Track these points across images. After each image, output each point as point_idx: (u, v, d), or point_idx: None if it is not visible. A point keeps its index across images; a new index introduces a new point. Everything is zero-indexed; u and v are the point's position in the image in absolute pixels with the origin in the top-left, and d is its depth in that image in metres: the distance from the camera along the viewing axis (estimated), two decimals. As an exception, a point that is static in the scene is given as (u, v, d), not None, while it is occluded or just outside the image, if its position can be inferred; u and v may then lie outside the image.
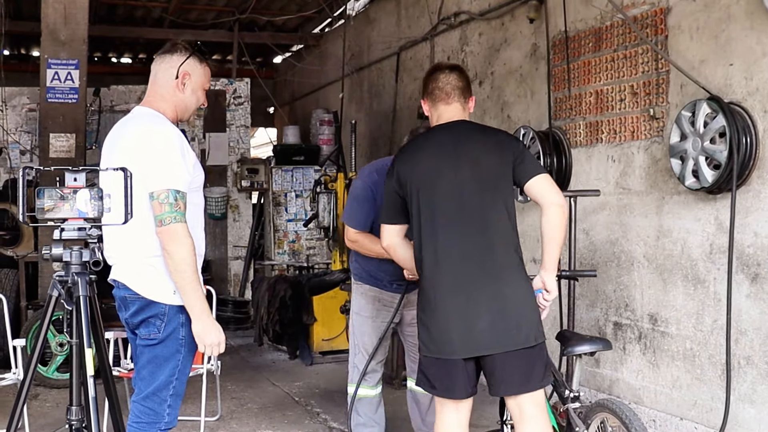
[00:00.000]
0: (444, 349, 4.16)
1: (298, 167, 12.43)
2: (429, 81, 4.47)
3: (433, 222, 4.20)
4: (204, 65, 4.24)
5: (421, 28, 9.72)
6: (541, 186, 4.22)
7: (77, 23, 8.72)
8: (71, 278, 3.39)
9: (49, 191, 3.23)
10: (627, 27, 6.29)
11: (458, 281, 4.14)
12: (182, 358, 4.10)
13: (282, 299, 9.58)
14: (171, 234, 3.89)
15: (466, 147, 4.26)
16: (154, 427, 4.11)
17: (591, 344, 4.64)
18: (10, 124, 12.01)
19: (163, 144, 4.00)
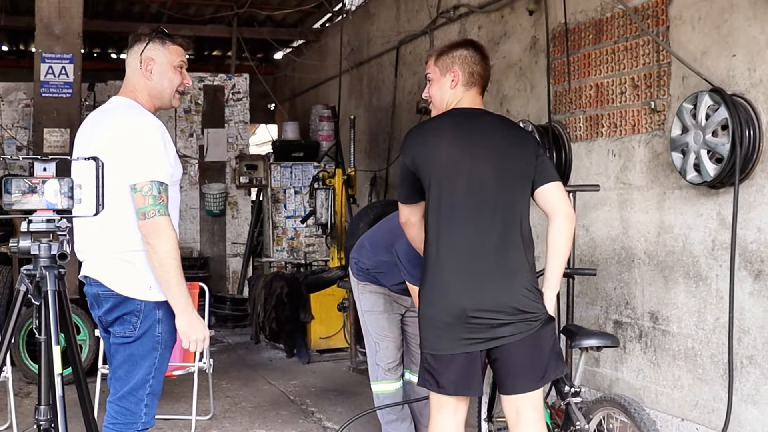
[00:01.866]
0: (455, 344, 3.98)
1: (297, 163, 12.33)
2: (471, 59, 4.20)
3: (450, 213, 4.01)
4: (167, 44, 4.12)
5: (421, 22, 9.59)
6: (555, 194, 4.08)
7: (71, 17, 8.63)
8: (39, 272, 3.26)
9: (17, 182, 3.10)
10: (628, 18, 6.15)
11: (469, 274, 3.96)
12: (159, 356, 4.01)
13: (279, 297, 9.49)
14: (155, 227, 3.81)
15: (490, 139, 4.09)
16: (131, 428, 4.03)
17: (599, 339, 4.54)
18: (6, 119, 11.91)
19: (143, 133, 3.92)
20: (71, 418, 3.46)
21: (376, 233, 5.97)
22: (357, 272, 5.97)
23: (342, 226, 9.69)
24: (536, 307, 3.97)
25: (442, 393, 4.10)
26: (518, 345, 3.96)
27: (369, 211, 8.71)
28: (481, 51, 4.27)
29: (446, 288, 3.98)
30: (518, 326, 3.94)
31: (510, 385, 4.06)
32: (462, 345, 3.96)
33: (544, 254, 4.18)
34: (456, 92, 4.20)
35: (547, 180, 4.08)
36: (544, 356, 4.05)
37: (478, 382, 4.05)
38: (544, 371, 4.06)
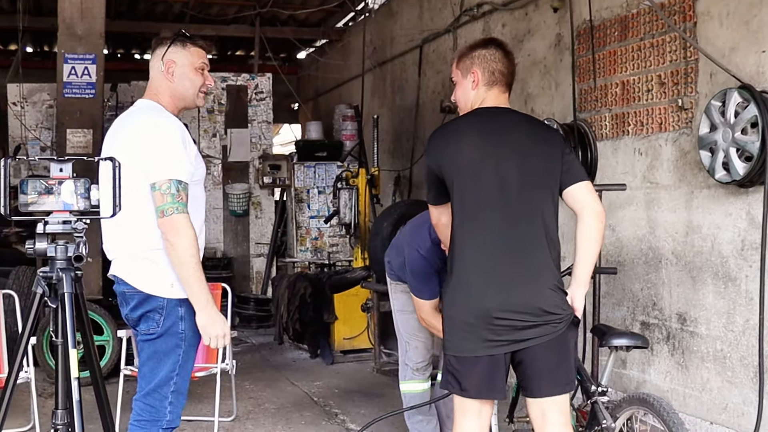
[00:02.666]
0: (479, 345, 3.90)
1: (320, 163, 12.28)
2: (491, 58, 4.12)
3: (474, 214, 3.95)
4: (188, 47, 4.17)
5: (444, 20, 9.52)
6: (583, 193, 4.00)
7: (94, 18, 8.62)
8: (56, 274, 3.22)
9: (33, 183, 3.07)
10: (654, 14, 6.07)
11: (494, 276, 3.89)
12: (183, 353, 4.03)
13: (302, 297, 9.44)
14: (173, 225, 3.85)
15: (515, 138, 4.01)
16: (156, 425, 4.05)
17: (629, 338, 4.48)
18: (30, 120, 11.93)
19: (163, 134, 3.97)
20: (92, 420, 3.43)
21: (401, 235, 5.96)
22: (389, 272, 5.99)
23: (366, 226, 9.64)
24: (561, 308, 3.90)
25: (465, 396, 4.03)
26: (543, 348, 3.88)
27: (393, 210, 8.66)
28: (502, 48, 4.18)
29: (470, 288, 3.92)
30: (544, 328, 3.86)
31: (535, 388, 3.98)
32: (485, 347, 3.89)
33: (570, 254, 4.12)
34: (478, 92, 4.12)
35: (576, 180, 4.00)
36: (570, 359, 3.98)
37: (501, 385, 3.97)
38: (570, 375, 3.99)
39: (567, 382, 4.00)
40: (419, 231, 5.60)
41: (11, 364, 3.53)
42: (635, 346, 4.49)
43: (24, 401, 6.79)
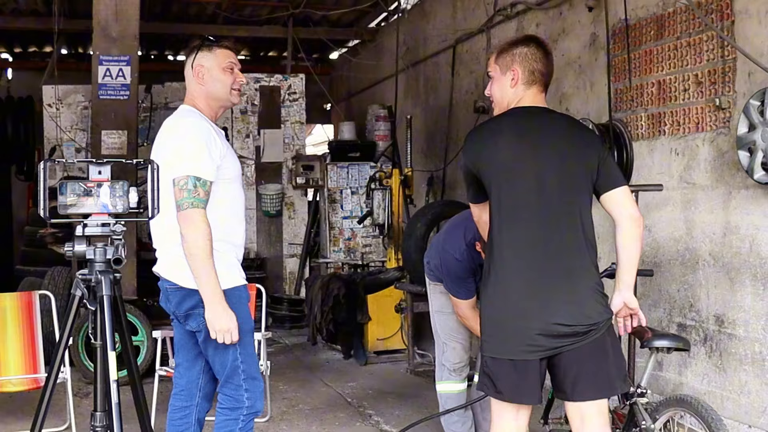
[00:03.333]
0: (518, 349, 3.87)
1: (353, 164, 12.28)
2: (532, 57, 4.07)
3: (512, 214, 3.92)
4: (214, 49, 4.40)
5: (477, 20, 9.49)
6: (622, 199, 3.99)
7: (128, 19, 8.66)
8: (95, 277, 3.24)
9: (72, 185, 3.09)
10: (691, 13, 6.01)
11: (534, 278, 3.86)
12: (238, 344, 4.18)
13: (336, 298, 9.45)
14: (186, 218, 4.04)
15: (552, 139, 3.98)
16: (237, 413, 4.27)
17: (671, 340, 4.43)
18: (66, 122, 12.01)
19: (185, 133, 4.21)
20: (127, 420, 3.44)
21: (438, 236, 5.97)
22: (428, 272, 6.01)
23: (399, 227, 9.62)
24: (599, 313, 3.87)
25: (499, 398, 4.00)
26: (580, 352, 3.86)
27: (427, 211, 8.65)
28: (543, 47, 4.14)
29: (508, 291, 3.89)
30: (582, 336, 3.83)
31: (571, 392, 3.95)
32: (521, 351, 3.86)
33: (605, 255, 4.09)
34: (516, 91, 4.08)
35: (614, 185, 3.98)
36: (609, 363, 3.94)
37: (535, 390, 3.94)
38: (611, 379, 3.95)
39: (608, 386, 3.95)
40: (454, 234, 5.61)
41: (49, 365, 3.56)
42: (677, 348, 4.44)
43: (60, 401, 6.83)
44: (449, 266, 5.56)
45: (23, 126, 13.86)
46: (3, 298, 6.86)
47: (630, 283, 4.06)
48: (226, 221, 4.27)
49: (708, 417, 4.19)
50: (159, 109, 12.12)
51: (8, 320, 6.76)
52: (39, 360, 6.77)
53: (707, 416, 4.19)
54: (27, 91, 14.06)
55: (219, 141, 4.24)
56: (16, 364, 6.71)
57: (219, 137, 4.28)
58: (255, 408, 4.33)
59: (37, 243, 10.24)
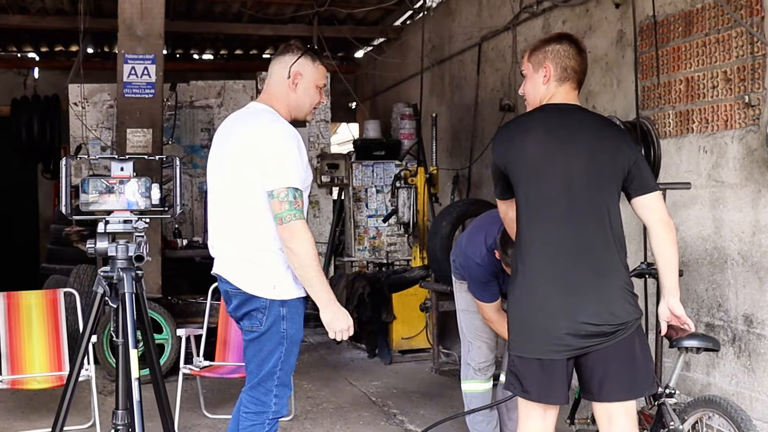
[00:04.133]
0: (545, 348, 3.84)
1: (378, 162, 12.23)
2: (564, 54, 4.06)
3: (539, 211, 3.90)
4: (317, 63, 4.38)
5: (503, 18, 9.43)
6: (656, 204, 3.99)
7: (153, 18, 8.68)
8: (116, 274, 3.22)
9: (94, 182, 3.08)
10: (720, 9, 5.94)
11: (562, 276, 3.84)
12: (285, 351, 4.23)
13: (360, 296, 9.43)
14: (292, 231, 4.05)
15: (581, 136, 3.95)
16: (262, 416, 4.27)
17: (700, 340, 4.36)
18: (91, 120, 12.03)
19: (280, 141, 4.14)
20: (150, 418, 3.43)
21: (462, 237, 5.94)
22: (454, 271, 5.98)
23: (424, 225, 9.59)
24: (628, 313, 3.83)
25: (526, 397, 3.98)
26: (607, 352, 3.82)
27: (452, 209, 8.61)
28: (576, 44, 4.11)
29: (535, 289, 3.86)
30: (610, 336, 3.79)
31: (596, 392, 3.91)
32: (548, 350, 3.83)
33: (632, 254, 4.04)
34: (549, 88, 4.06)
35: (647, 190, 3.98)
36: (636, 364, 3.90)
37: (562, 390, 3.90)
38: (638, 380, 3.91)
39: (635, 387, 3.91)
40: (475, 239, 5.59)
41: (72, 362, 3.55)
42: (706, 348, 4.38)
43: (85, 398, 6.85)
44: (471, 271, 5.55)
45: (49, 125, 13.90)
46: (28, 295, 6.89)
47: (672, 288, 4.05)
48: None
49: (737, 418, 4.14)
50: (184, 107, 12.14)
51: (33, 318, 6.79)
52: (64, 357, 6.79)
53: (737, 417, 4.14)
54: (53, 90, 14.11)
55: (304, 149, 4.27)
56: (41, 361, 6.75)
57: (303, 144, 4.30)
58: (281, 413, 4.35)
59: (63, 241, 10.26)
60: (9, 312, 6.75)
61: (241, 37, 14.15)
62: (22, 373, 6.66)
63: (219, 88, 12.49)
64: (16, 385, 6.60)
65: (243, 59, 15.83)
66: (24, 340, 6.74)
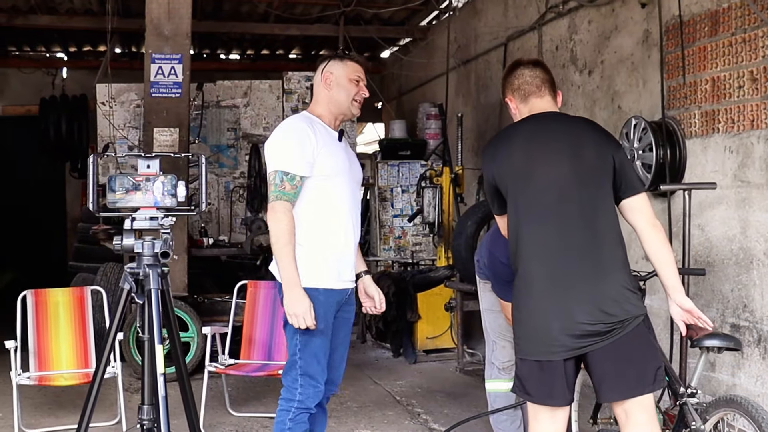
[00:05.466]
0: (540, 349, 3.88)
1: (404, 162, 12.26)
2: (512, 77, 4.22)
3: (529, 215, 3.95)
4: (345, 61, 4.71)
5: (529, 18, 9.43)
6: (642, 205, 4.02)
7: (180, 18, 8.72)
8: (143, 270, 3.26)
9: (121, 179, 3.12)
10: (746, 8, 5.92)
11: (556, 276, 3.87)
12: (300, 338, 4.40)
13: (386, 296, 9.40)
14: (270, 210, 4.33)
15: (563, 137, 4.01)
16: (290, 404, 4.47)
17: (721, 339, 4.35)
18: (119, 120, 12.10)
19: (280, 132, 4.52)
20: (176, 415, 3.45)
21: (487, 237, 5.94)
22: (478, 271, 5.99)
23: (449, 225, 9.59)
24: (625, 311, 3.83)
25: (529, 400, 4.04)
26: (604, 351, 3.83)
27: (477, 210, 8.60)
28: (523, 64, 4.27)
29: (531, 292, 3.94)
30: (605, 335, 3.81)
31: (602, 392, 3.94)
32: (546, 351, 3.87)
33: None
34: (521, 112, 4.21)
35: (635, 191, 4.02)
36: (635, 362, 3.89)
37: (563, 391, 3.92)
38: (644, 375, 3.90)
39: (634, 386, 3.89)
40: (500, 237, 5.58)
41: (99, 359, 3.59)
42: (727, 347, 4.37)
43: (111, 395, 6.90)
44: (495, 269, 5.57)
45: (77, 124, 14.02)
46: (56, 293, 6.95)
47: (675, 286, 4.05)
48: (319, 218, 4.49)
49: (759, 418, 4.12)
50: (210, 107, 12.19)
51: (61, 315, 6.85)
52: (90, 355, 6.85)
53: (758, 417, 4.12)
54: (81, 90, 14.24)
55: (314, 138, 4.44)
56: (68, 358, 6.80)
57: (316, 135, 4.47)
58: (306, 405, 4.44)
59: (90, 239, 10.34)
60: (37, 309, 6.82)
61: (268, 37, 14.20)
62: (50, 369, 6.72)
63: (245, 88, 12.53)
64: (43, 381, 6.65)
65: (269, 59, 15.88)
66: (51, 337, 6.80)
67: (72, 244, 13.06)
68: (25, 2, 11.82)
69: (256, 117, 12.51)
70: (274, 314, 7.15)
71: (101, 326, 7.12)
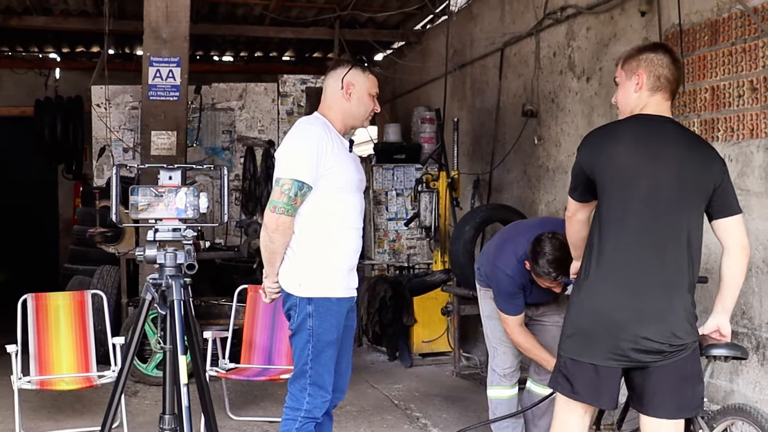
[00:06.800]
0: (601, 355, 3.92)
1: (399, 166, 12.27)
2: (658, 62, 4.06)
3: (620, 223, 3.95)
4: (367, 74, 4.65)
5: (526, 23, 9.46)
6: (736, 227, 4.05)
7: (179, 21, 8.72)
8: (165, 281, 3.29)
9: (144, 189, 3.14)
10: (746, 19, 5.97)
11: (630, 288, 3.90)
12: (312, 348, 4.42)
13: (382, 300, 9.47)
14: (277, 221, 4.31)
15: (671, 152, 3.97)
16: (296, 413, 4.45)
17: (729, 349, 4.38)
18: (114, 122, 12.12)
19: (298, 137, 4.47)
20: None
21: (490, 248, 5.94)
22: (478, 278, 6.01)
23: (446, 230, 9.63)
24: (689, 334, 3.90)
25: (575, 398, 4.06)
26: (663, 369, 3.90)
27: (475, 214, 8.66)
28: (671, 54, 4.14)
29: (601, 298, 3.94)
30: (668, 354, 3.87)
31: (651, 408, 3.99)
32: (605, 358, 3.91)
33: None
34: (641, 96, 4.09)
35: (730, 212, 4.04)
36: (689, 385, 3.97)
37: (612, 396, 3.99)
38: (691, 400, 3.98)
39: (684, 407, 3.99)
40: (504, 250, 5.62)
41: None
42: (734, 356, 4.41)
43: (110, 399, 6.89)
44: (499, 282, 5.58)
45: (72, 126, 14.00)
46: (56, 297, 6.97)
47: (728, 309, 4.16)
48: (331, 229, 4.49)
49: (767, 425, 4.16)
50: (206, 109, 12.20)
51: (61, 319, 6.86)
52: (91, 359, 6.86)
53: (767, 426, 4.16)
54: (74, 91, 14.21)
55: (330, 149, 4.43)
56: (68, 362, 6.81)
57: (333, 146, 4.46)
58: (313, 414, 4.44)
59: (86, 242, 10.34)
60: (37, 313, 6.83)
61: (262, 39, 14.19)
62: (50, 374, 6.73)
63: (240, 91, 12.56)
64: (44, 386, 6.67)
65: (263, 61, 15.87)
66: (52, 341, 6.81)
67: (65, 245, 13.06)
68: (19, 3, 11.79)
69: (251, 120, 12.55)
70: (274, 319, 7.18)
71: (98, 329, 7.13)
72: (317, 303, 4.40)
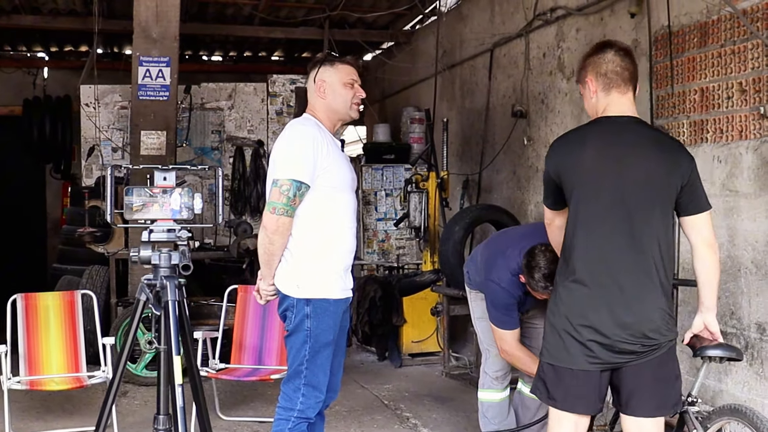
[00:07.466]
0: (576, 359, 3.93)
1: (388, 166, 12.28)
2: (601, 60, 4.09)
3: (588, 227, 3.96)
4: (336, 65, 4.71)
5: (516, 24, 9.48)
6: (703, 224, 4.06)
7: (169, 21, 8.71)
8: (160, 282, 3.29)
9: (138, 190, 3.15)
10: (736, 21, 6.00)
11: (601, 292, 3.91)
12: (309, 349, 4.43)
13: (371, 300, 9.48)
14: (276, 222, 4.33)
15: (637, 152, 3.98)
16: (289, 413, 4.45)
17: (724, 350, 4.41)
18: (103, 121, 12.07)
19: (292, 138, 4.49)
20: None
21: (479, 259, 5.87)
22: (468, 281, 5.99)
23: (435, 230, 9.65)
24: (663, 334, 3.92)
25: (552, 405, 4.06)
26: (639, 368, 3.91)
27: (465, 215, 8.67)
28: (613, 47, 4.14)
29: (577, 301, 3.95)
30: (644, 353, 3.88)
31: (630, 406, 4.00)
32: (583, 362, 3.91)
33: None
34: (598, 99, 4.11)
35: (697, 210, 4.05)
36: (666, 383, 3.99)
37: (591, 400, 3.98)
38: (671, 397, 4.00)
39: (662, 405, 4.00)
40: (496, 263, 5.54)
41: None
42: (730, 358, 4.43)
43: (99, 399, 6.88)
44: (494, 295, 5.50)
45: (61, 125, 13.95)
46: (46, 297, 6.96)
47: (711, 306, 4.17)
48: (328, 230, 4.51)
49: (762, 427, 4.18)
50: (195, 109, 12.18)
51: (51, 319, 6.86)
52: (81, 359, 6.86)
53: (762, 427, 4.18)
54: (62, 90, 14.16)
55: (325, 149, 4.46)
56: (58, 363, 6.81)
57: (327, 147, 4.49)
58: (306, 414, 4.45)
59: (74, 241, 10.32)
60: (27, 313, 6.82)
61: (252, 39, 14.18)
62: (40, 374, 6.72)
63: (230, 91, 12.55)
64: (34, 386, 6.65)
65: (252, 61, 15.86)
66: (41, 341, 6.81)
67: (53, 245, 13.03)
68: (8, 2, 11.75)
69: (240, 120, 12.53)
70: (264, 319, 7.18)
71: (87, 329, 7.12)
72: (315, 304, 4.41)
